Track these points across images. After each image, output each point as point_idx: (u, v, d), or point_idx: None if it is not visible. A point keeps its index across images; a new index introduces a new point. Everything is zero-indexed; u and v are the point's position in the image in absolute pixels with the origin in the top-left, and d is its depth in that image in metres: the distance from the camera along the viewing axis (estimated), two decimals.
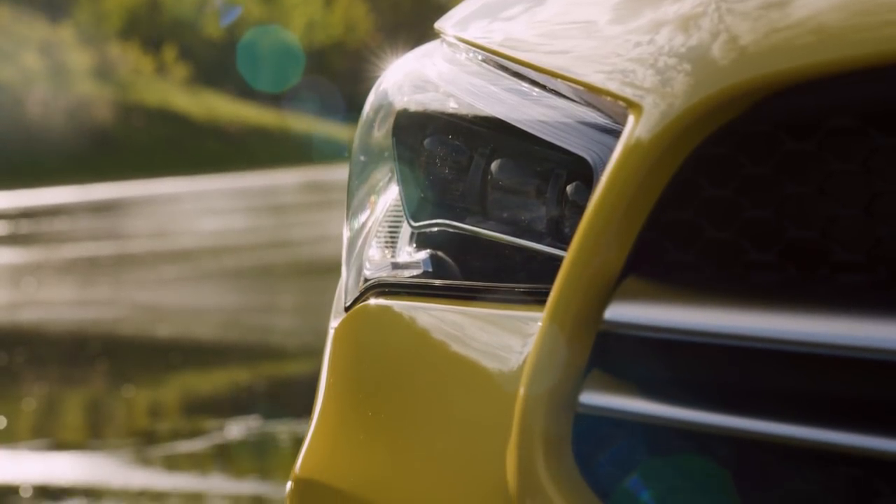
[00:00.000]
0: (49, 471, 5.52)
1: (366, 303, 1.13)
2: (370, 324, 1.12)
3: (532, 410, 0.82)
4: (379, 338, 1.11)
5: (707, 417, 0.71)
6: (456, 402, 0.96)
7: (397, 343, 1.07)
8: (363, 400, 1.10)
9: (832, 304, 0.65)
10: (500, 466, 0.86)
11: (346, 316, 1.17)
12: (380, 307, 1.11)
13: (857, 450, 0.63)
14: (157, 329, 10.08)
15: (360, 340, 1.14)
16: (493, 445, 0.88)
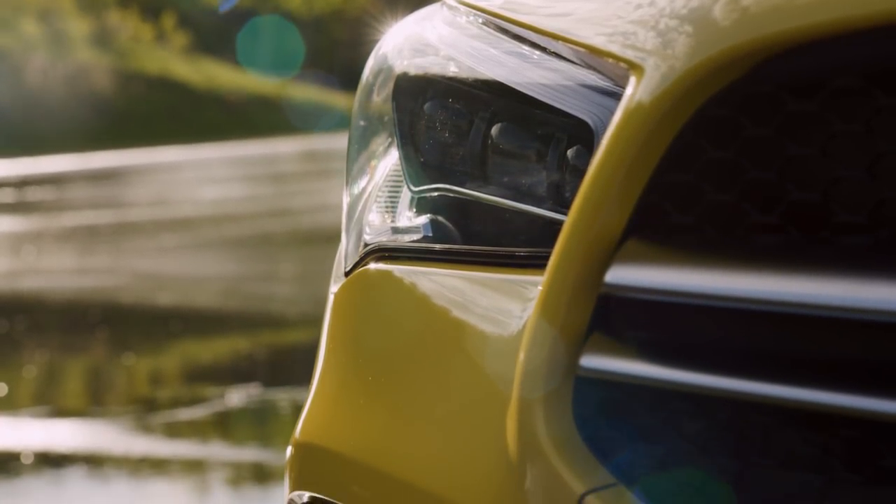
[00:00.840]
0: (50, 438, 5.53)
1: (366, 268, 1.13)
2: (370, 288, 1.12)
3: (532, 374, 0.81)
4: (379, 302, 1.10)
5: (708, 380, 0.71)
6: (456, 366, 0.96)
7: (397, 307, 1.07)
8: (363, 364, 1.10)
9: (834, 266, 0.65)
10: (500, 430, 0.86)
11: (346, 281, 1.16)
12: (380, 272, 1.11)
13: (858, 411, 0.63)
14: (158, 297, 10.09)
15: (360, 305, 1.13)
16: (494, 409, 0.88)
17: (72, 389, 7.09)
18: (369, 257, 1.14)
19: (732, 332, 0.70)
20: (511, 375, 0.84)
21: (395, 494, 0.98)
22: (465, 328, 0.97)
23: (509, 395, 0.84)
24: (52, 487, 4.75)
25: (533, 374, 0.81)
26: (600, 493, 0.77)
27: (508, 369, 0.85)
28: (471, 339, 0.95)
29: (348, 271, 1.17)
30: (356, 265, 1.16)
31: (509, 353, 0.87)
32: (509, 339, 0.91)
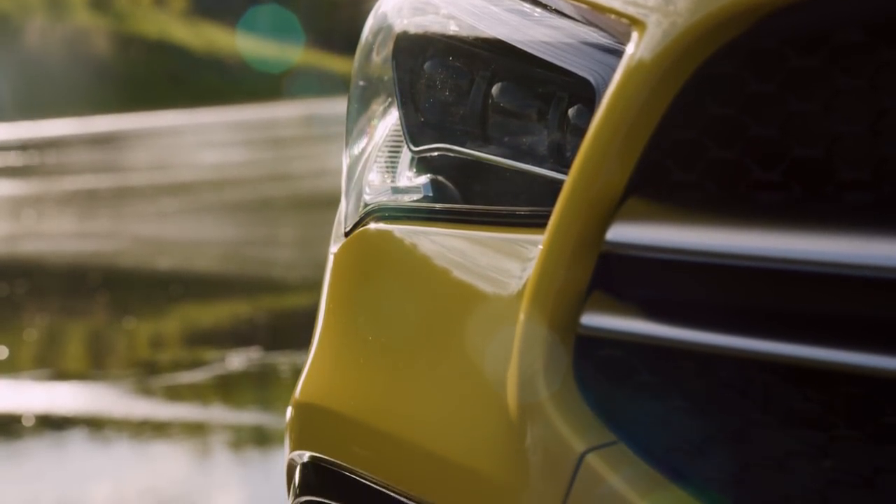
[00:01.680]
0: (51, 400, 5.55)
1: (366, 228, 1.13)
2: (370, 248, 1.12)
3: (533, 333, 0.81)
4: (379, 262, 1.10)
5: (709, 338, 0.71)
6: (456, 326, 0.96)
7: (397, 267, 1.07)
8: (363, 324, 1.09)
9: (836, 223, 0.64)
10: (501, 390, 0.86)
11: (346, 241, 1.16)
12: (380, 232, 1.10)
13: (860, 368, 0.63)
14: (158, 261, 10.09)
15: (360, 265, 1.13)
16: (494, 369, 0.88)
17: (72, 352, 7.10)
18: (369, 217, 1.13)
19: (734, 289, 0.70)
20: (511, 334, 0.84)
21: (395, 454, 0.98)
22: (466, 287, 0.96)
23: (510, 354, 0.84)
24: (54, 449, 4.76)
25: (533, 332, 0.81)
26: (601, 451, 0.77)
27: (509, 328, 0.85)
28: (471, 298, 0.95)
29: (348, 232, 1.17)
30: (356, 225, 1.15)
31: (510, 312, 0.87)
32: (510, 298, 0.90)
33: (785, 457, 0.69)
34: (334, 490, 1.07)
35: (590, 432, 0.78)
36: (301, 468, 1.13)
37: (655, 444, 0.76)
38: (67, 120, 30.55)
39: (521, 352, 0.82)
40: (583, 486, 0.78)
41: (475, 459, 0.89)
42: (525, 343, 0.82)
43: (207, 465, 4.39)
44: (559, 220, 0.79)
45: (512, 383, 0.84)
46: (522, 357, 0.82)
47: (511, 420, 0.84)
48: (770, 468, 0.70)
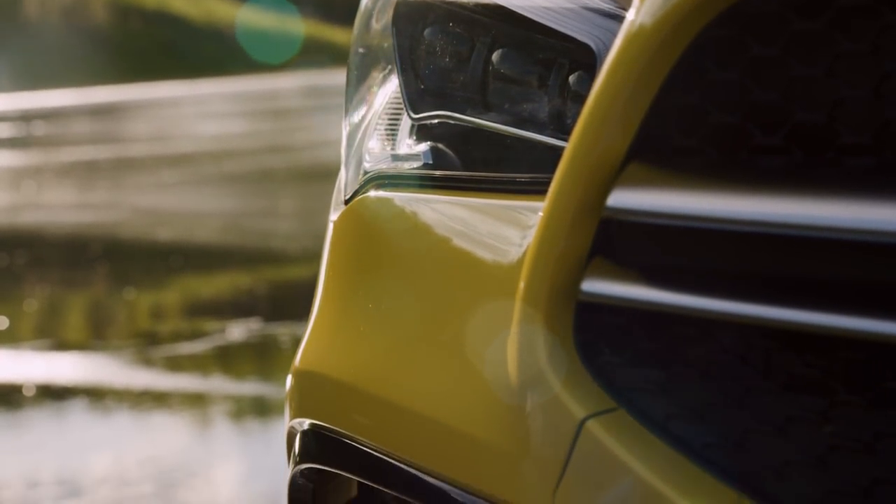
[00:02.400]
0: (52, 370, 5.55)
1: (365, 195, 1.12)
2: (370, 216, 1.11)
3: (533, 299, 0.81)
4: (378, 230, 1.10)
5: (710, 304, 0.71)
6: (456, 293, 0.96)
7: (397, 235, 1.06)
8: (363, 292, 1.09)
9: (838, 188, 0.64)
10: (501, 356, 0.85)
11: (346, 209, 1.16)
12: (379, 199, 1.10)
13: (861, 334, 0.63)
14: (158, 232, 10.09)
15: (360, 233, 1.13)
16: (495, 335, 0.88)
17: (73, 323, 7.11)
18: (369, 185, 1.13)
19: (735, 255, 0.70)
20: (512, 301, 0.84)
21: (394, 421, 0.98)
22: (466, 255, 0.96)
23: (510, 321, 0.84)
24: (54, 419, 4.78)
25: (534, 299, 0.81)
26: (601, 418, 0.77)
27: (509, 295, 0.85)
28: (471, 265, 0.95)
29: (348, 199, 1.16)
30: (356, 193, 1.15)
31: (510, 279, 0.87)
32: (510, 265, 0.90)
33: (785, 422, 0.69)
34: (334, 457, 1.07)
35: (590, 399, 0.78)
36: (301, 436, 1.13)
37: (656, 411, 0.76)
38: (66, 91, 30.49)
39: (521, 318, 0.82)
40: (583, 453, 0.78)
41: (475, 427, 0.89)
42: (525, 310, 0.82)
43: (208, 436, 4.40)
44: (559, 186, 0.79)
45: (512, 350, 0.83)
46: (523, 324, 0.82)
47: (511, 387, 0.84)
48: (770, 434, 0.70)
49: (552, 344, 0.80)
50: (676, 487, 0.72)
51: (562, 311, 0.80)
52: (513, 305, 0.84)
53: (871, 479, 0.65)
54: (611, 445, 0.76)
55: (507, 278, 0.89)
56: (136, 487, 3.71)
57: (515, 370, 0.83)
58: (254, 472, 3.90)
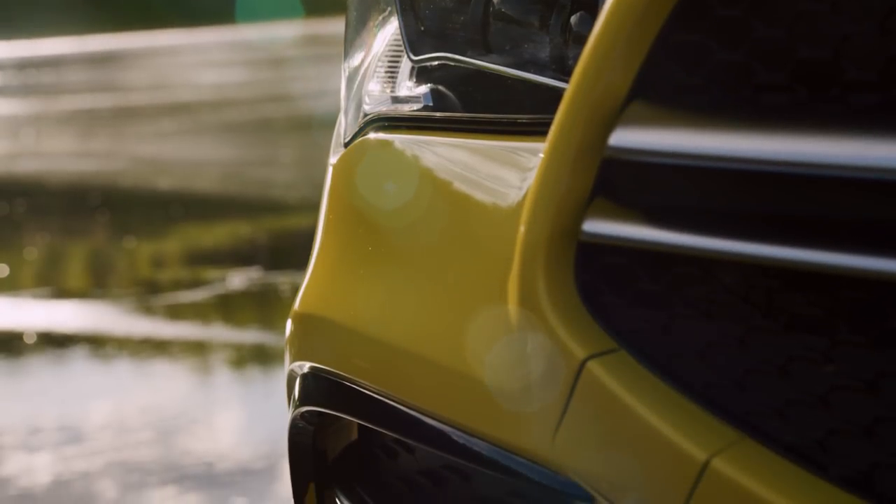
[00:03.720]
0: (52, 318, 5.56)
1: (365, 137, 1.12)
2: (370, 158, 1.11)
3: (534, 240, 0.80)
4: (378, 172, 1.09)
5: (712, 243, 0.70)
6: (456, 235, 0.95)
7: (397, 177, 1.06)
8: (362, 234, 1.09)
9: (843, 125, 0.63)
10: (502, 297, 0.85)
11: (346, 151, 1.15)
12: (379, 141, 1.09)
13: (864, 272, 0.62)
14: (158, 181, 10.07)
15: (360, 175, 1.12)
16: (495, 277, 0.87)
17: (73, 271, 7.11)
18: (369, 127, 1.12)
19: (738, 194, 0.69)
20: (512, 243, 0.83)
21: (394, 363, 0.98)
22: (466, 196, 0.96)
23: (510, 262, 0.83)
24: (55, 367, 4.79)
25: (534, 239, 0.80)
26: (602, 359, 0.77)
27: (510, 236, 0.84)
28: (472, 207, 0.94)
29: (347, 142, 1.16)
30: (355, 136, 1.14)
31: (510, 221, 0.86)
32: (510, 207, 0.90)
33: (787, 362, 0.69)
34: (334, 400, 1.07)
35: (591, 339, 0.78)
36: (301, 379, 1.13)
37: (657, 351, 0.75)
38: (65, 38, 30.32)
39: (522, 259, 0.82)
40: (584, 394, 0.77)
41: (475, 368, 0.89)
42: (526, 251, 0.81)
43: (208, 383, 4.41)
44: (561, 125, 0.78)
45: (513, 291, 0.83)
46: (523, 264, 0.81)
47: (512, 328, 0.84)
48: (772, 373, 0.70)
49: (553, 285, 0.80)
50: (677, 427, 0.72)
51: (562, 252, 0.79)
52: (513, 247, 0.83)
53: (872, 417, 0.65)
54: (611, 386, 0.76)
55: (507, 220, 0.88)
56: (136, 434, 3.72)
57: (516, 311, 0.83)
58: (254, 419, 3.92)
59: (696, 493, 0.70)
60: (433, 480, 1.01)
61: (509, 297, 0.84)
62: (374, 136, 1.10)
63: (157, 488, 3.22)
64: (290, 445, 1.19)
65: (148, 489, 3.22)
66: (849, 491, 0.65)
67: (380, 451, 1.10)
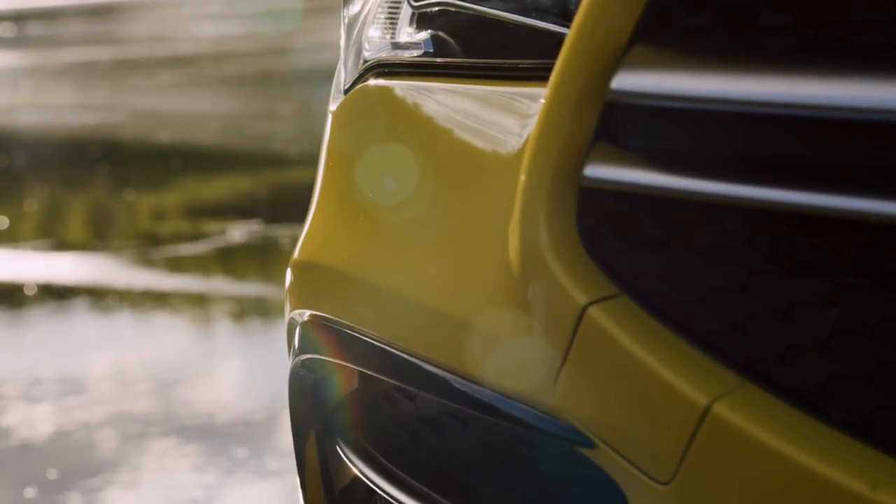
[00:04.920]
0: (52, 270, 5.57)
1: (365, 84, 1.11)
2: (369, 105, 1.10)
3: (535, 185, 0.80)
4: (378, 119, 1.08)
5: (715, 187, 0.69)
6: (457, 181, 0.94)
7: (397, 123, 1.05)
8: (362, 181, 1.08)
9: (847, 66, 0.62)
10: (503, 244, 0.84)
11: (345, 98, 1.14)
12: (379, 88, 1.08)
13: (868, 215, 0.62)
14: (157, 134, 10.04)
15: (359, 122, 1.11)
16: (496, 223, 0.87)
17: (73, 224, 7.11)
18: (369, 74, 1.11)
19: (742, 137, 0.68)
20: (513, 188, 0.83)
21: (394, 311, 0.98)
22: (467, 142, 0.95)
23: (512, 208, 0.83)
24: (55, 318, 4.79)
25: (536, 185, 0.80)
26: (604, 304, 0.76)
27: (511, 182, 0.84)
28: (472, 153, 0.94)
29: (347, 89, 1.15)
30: (355, 82, 1.13)
31: (512, 166, 0.86)
32: (512, 152, 0.89)
33: (790, 306, 0.69)
34: (334, 347, 1.07)
35: (592, 285, 0.77)
36: (301, 327, 1.12)
37: (658, 296, 0.75)
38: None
39: (523, 205, 0.81)
40: (585, 339, 0.77)
41: (476, 315, 0.88)
42: (527, 196, 0.81)
43: (209, 336, 4.42)
44: (562, 69, 0.77)
45: (514, 237, 0.82)
46: (525, 210, 0.81)
47: (513, 274, 0.83)
48: (775, 318, 0.69)
49: (554, 230, 0.79)
50: (678, 372, 0.71)
51: (564, 197, 0.79)
52: (514, 193, 0.82)
53: (875, 362, 0.65)
54: (613, 331, 0.75)
55: (508, 165, 0.88)
56: (137, 385, 3.73)
57: (517, 257, 0.82)
58: (255, 371, 3.93)
59: (697, 438, 0.70)
60: (434, 428, 1.01)
61: (510, 243, 0.83)
62: (374, 82, 1.09)
63: (157, 439, 3.23)
64: (290, 394, 1.18)
65: (149, 440, 3.23)
66: (850, 434, 0.65)
67: (380, 400, 1.10)
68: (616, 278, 0.77)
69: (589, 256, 0.78)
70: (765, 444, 0.66)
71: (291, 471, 2.90)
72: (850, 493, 0.62)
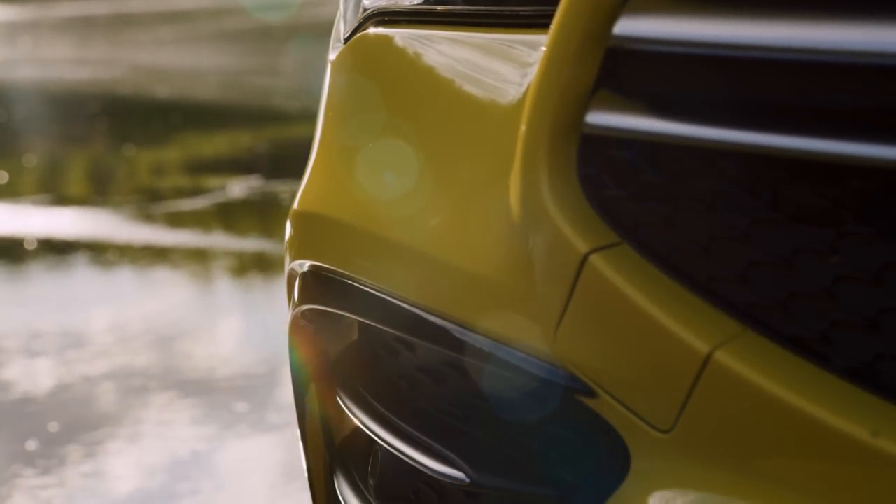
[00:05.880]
0: (53, 225, 5.56)
1: (365, 32, 1.10)
2: (369, 54, 1.09)
3: (536, 132, 0.79)
4: (378, 68, 1.07)
5: (718, 133, 0.69)
6: (457, 130, 0.94)
7: (397, 72, 1.04)
8: (362, 131, 1.07)
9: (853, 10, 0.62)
10: (504, 192, 0.84)
11: (345, 47, 1.13)
12: (379, 36, 1.07)
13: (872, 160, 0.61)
14: (156, 89, 10.01)
15: (359, 71, 1.10)
16: (497, 173, 0.86)
17: (73, 178, 7.10)
18: (368, 22, 1.10)
19: (746, 82, 0.68)
20: (514, 136, 0.82)
21: (394, 260, 0.97)
22: (468, 91, 0.94)
23: (512, 156, 0.82)
24: (56, 273, 4.79)
25: (537, 132, 0.79)
26: (605, 252, 0.76)
27: (512, 130, 0.83)
28: (473, 101, 0.93)
29: (347, 38, 1.14)
30: (355, 31, 1.12)
31: (513, 115, 0.85)
32: (513, 100, 0.88)
33: (792, 254, 0.68)
34: (334, 298, 1.06)
35: (594, 233, 0.77)
36: (301, 278, 1.12)
37: (660, 245, 0.75)
38: None
39: (524, 153, 0.80)
40: (586, 288, 0.77)
41: (476, 264, 0.88)
42: (528, 143, 0.80)
43: (209, 291, 4.42)
44: (564, 15, 0.77)
45: (514, 185, 0.82)
46: (525, 158, 0.80)
47: (514, 223, 0.83)
48: (777, 266, 0.69)
49: (555, 178, 0.79)
50: (680, 321, 0.71)
51: (565, 144, 0.78)
52: (515, 141, 0.82)
53: (877, 309, 0.64)
54: (614, 280, 0.75)
55: (509, 113, 0.87)
56: (137, 340, 3.73)
57: (517, 206, 0.82)
58: (255, 326, 3.93)
59: (698, 386, 0.70)
60: (435, 378, 1.01)
61: (511, 190, 0.83)
62: (374, 31, 1.08)
63: (158, 393, 3.24)
64: (290, 345, 1.18)
65: (149, 394, 3.24)
66: (851, 382, 0.64)
67: (380, 350, 1.10)
68: (617, 226, 0.77)
69: (590, 205, 0.78)
70: (766, 391, 0.66)
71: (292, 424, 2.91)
72: (852, 440, 0.62)
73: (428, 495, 1.02)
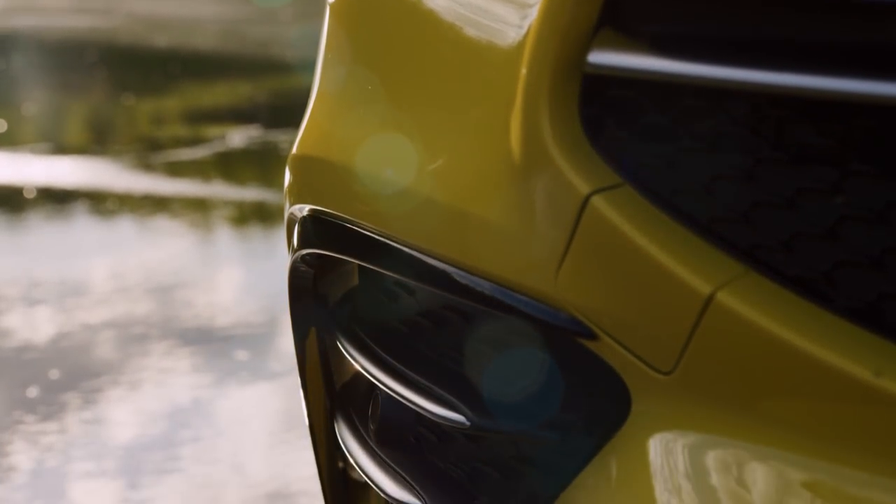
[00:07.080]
0: (52, 174, 5.55)
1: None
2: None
3: (538, 73, 0.78)
4: (377, 10, 1.06)
5: (722, 72, 0.68)
6: (458, 71, 0.93)
7: (397, 15, 1.03)
8: (362, 74, 1.06)
9: None
10: (505, 134, 0.83)
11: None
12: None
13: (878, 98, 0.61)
14: (155, 39, 9.96)
15: (359, 13, 1.09)
16: (498, 113, 0.85)
17: (72, 127, 7.08)
18: None
19: (750, 20, 0.67)
20: (515, 77, 0.81)
21: (395, 203, 0.97)
22: (469, 33, 0.93)
23: (513, 97, 0.81)
24: (55, 221, 4.79)
25: (538, 72, 0.78)
26: (607, 194, 0.75)
27: (513, 71, 0.82)
28: (474, 41, 0.92)
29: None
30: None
31: (514, 55, 0.84)
32: (514, 41, 0.87)
33: (796, 194, 0.68)
34: (334, 241, 1.06)
35: (595, 174, 0.76)
36: (300, 222, 1.12)
37: (662, 186, 0.74)
38: None
39: (525, 93, 0.80)
40: (587, 229, 0.76)
41: (477, 206, 0.87)
42: (529, 84, 0.79)
43: (208, 240, 4.42)
44: None
45: (516, 126, 0.81)
46: (527, 99, 0.80)
47: (514, 164, 0.82)
48: (780, 206, 0.68)
49: (557, 119, 0.78)
50: (682, 262, 0.71)
51: (567, 84, 0.78)
52: (516, 81, 0.81)
53: (881, 248, 0.64)
54: (615, 221, 0.74)
55: (511, 54, 0.86)
56: (137, 288, 3.74)
57: (519, 147, 0.81)
58: (254, 275, 3.93)
59: (700, 327, 0.69)
60: (434, 321, 1.01)
61: (512, 131, 0.82)
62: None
63: (157, 341, 3.24)
64: (290, 290, 1.18)
65: (149, 342, 3.24)
66: (854, 322, 0.64)
67: (380, 294, 1.10)
68: (619, 167, 0.76)
69: (592, 146, 0.77)
70: (768, 332, 0.66)
71: (292, 372, 2.92)
72: (854, 380, 0.62)
73: (428, 439, 1.02)
